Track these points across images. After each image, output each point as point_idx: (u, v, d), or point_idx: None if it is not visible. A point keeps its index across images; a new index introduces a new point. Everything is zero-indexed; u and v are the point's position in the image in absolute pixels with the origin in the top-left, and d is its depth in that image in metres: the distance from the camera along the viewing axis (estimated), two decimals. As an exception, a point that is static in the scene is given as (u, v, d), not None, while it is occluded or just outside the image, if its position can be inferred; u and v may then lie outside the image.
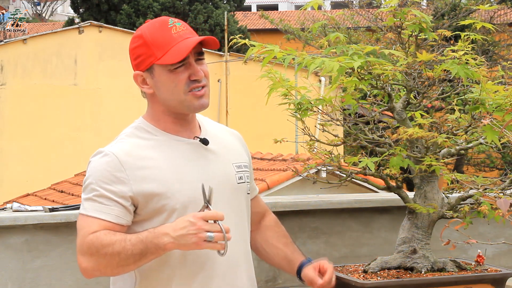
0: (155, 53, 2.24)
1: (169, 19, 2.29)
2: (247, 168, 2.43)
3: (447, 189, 2.54)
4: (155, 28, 2.27)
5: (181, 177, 2.25)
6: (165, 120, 2.31)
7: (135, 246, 2.12)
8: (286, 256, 2.50)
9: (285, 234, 2.56)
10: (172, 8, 23.06)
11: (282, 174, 10.26)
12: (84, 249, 2.16)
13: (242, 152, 2.46)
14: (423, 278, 2.42)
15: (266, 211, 2.59)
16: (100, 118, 14.90)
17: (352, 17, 18.98)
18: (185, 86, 2.26)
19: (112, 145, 2.27)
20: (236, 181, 2.36)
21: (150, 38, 2.25)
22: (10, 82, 14.64)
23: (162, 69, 2.25)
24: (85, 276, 2.20)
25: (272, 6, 45.71)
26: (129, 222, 2.22)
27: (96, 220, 2.17)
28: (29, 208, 3.22)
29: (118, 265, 2.14)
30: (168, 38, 2.25)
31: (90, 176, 2.22)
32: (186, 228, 2.09)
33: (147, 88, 2.29)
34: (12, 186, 13.97)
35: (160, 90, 2.28)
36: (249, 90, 13.45)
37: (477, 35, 2.49)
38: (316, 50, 9.16)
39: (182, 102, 2.27)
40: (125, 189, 2.20)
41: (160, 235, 2.11)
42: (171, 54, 2.23)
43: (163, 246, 2.11)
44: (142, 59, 2.27)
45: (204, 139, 2.33)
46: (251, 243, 2.51)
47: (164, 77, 2.26)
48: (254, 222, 2.52)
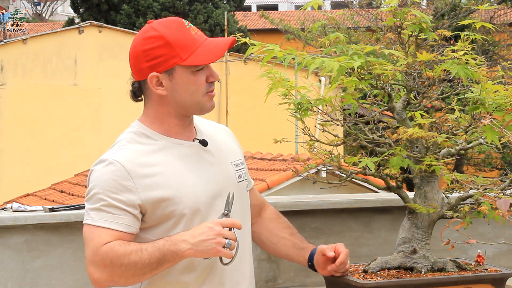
0: (180, 54, 2.20)
1: (182, 19, 2.27)
2: (243, 165, 2.44)
3: (447, 189, 2.54)
4: (174, 29, 2.22)
5: (186, 182, 2.24)
6: (169, 123, 2.28)
7: (152, 255, 2.10)
8: (295, 245, 2.49)
9: (289, 225, 2.55)
10: (172, 8, 23.06)
11: (282, 174, 10.27)
12: (97, 260, 2.12)
13: (236, 149, 2.46)
14: (423, 278, 2.42)
15: (264, 203, 2.59)
16: (100, 118, 14.90)
17: (352, 17, 18.98)
18: (204, 88, 2.25)
19: (115, 153, 2.22)
20: (236, 180, 2.37)
21: (174, 39, 2.20)
22: (10, 82, 14.64)
23: (184, 71, 2.22)
24: (96, 286, 2.17)
25: (272, 6, 45.71)
26: (138, 230, 2.20)
27: (106, 230, 2.14)
28: (29, 208, 3.22)
29: (134, 275, 2.12)
30: (191, 39, 2.22)
31: (96, 186, 2.17)
32: (205, 233, 2.09)
33: (161, 90, 2.23)
34: (12, 186, 13.97)
35: (178, 92, 2.23)
36: (249, 90, 13.45)
37: (477, 35, 2.49)
38: (316, 50, 9.12)
39: (199, 104, 2.26)
40: (133, 198, 2.16)
41: (178, 242, 2.10)
42: (200, 55, 2.21)
43: (181, 253, 2.10)
44: (162, 60, 2.21)
45: (203, 141, 2.32)
46: (254, 236, 2.51)
47: (185, 78, 2.22)
48: (254, 214, 2.50)
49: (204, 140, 2.33)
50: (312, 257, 2.44)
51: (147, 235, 2.21)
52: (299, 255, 2.48)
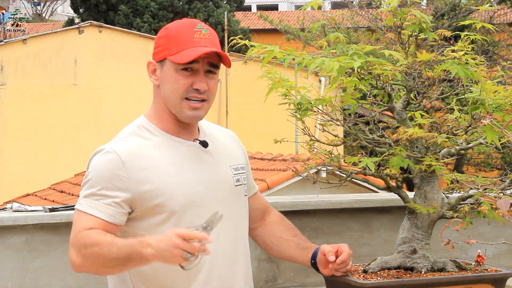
0: (170, 48, 2.28)
1: (200, 23, 2.32)
2: (243, 170, 2.45)
3: (447, 189, 2.53)
4: (181, 26, 2.31)
5: (180, 180, 2.26)
6: (167, 120, 2.33)
7: (121, 251, 2.13)
8: (298, 245, 2.51)
9: (293, 227, 2.57)
10: (170, 8, 23.05)
11: (282, 174, 10.27)
12: (75, 243, 2.18)
13: (238, 154, 2.48)
14: (423, 278, 2.42)
15: (268, 208, 2.60)
16: (100, 118, 14.89)
17: (352, 17, 18.98)
18: (184, 92, 2.27)
19: (115, 143, 2.28)
20: (234, 183, 2.38)
21: (173, 33, 2.29)
22: (10, 82, 14.64)
23: (171, 66, 2.28)
24: (73, 269, 2.22)
25: (272, 6, 45.71)
26: (122, 222, 2.23)
27: (90, 217, 2.19)
28: (29, 208, 3.22)
29: (103, 266, 2.16)
30: (188, 39, 2.28)
31: (90, 173, 2.24)
32: (164, 242, 2.09)
33: (154, 79, 2.33)
34: (12, 186, 13.97)
35: (164, 86, 2.30)
36: (249, 90, 13.44)
37: (477, 35, 2.49)
38: (316, 50, 9.14)
39: (176, 106, 2.29)
40: (124, 188, 2.21)
41: (145, 245, 2.12)
42: (182, 54, 2.25)
43: (145, 257, 2.12)
44: (159, 50, 2.31)
45: (204, 142, 2.34)
46: (258, 239, 2.55)
47: (170, 73, 2.28)
48: (257, 218, 2.54)
49: (205, 141, 2.34)
50: (315, 256, 2.45)
51: (136, 227, 2.25)
52: (302, 255, 2.49)
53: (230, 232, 2.33)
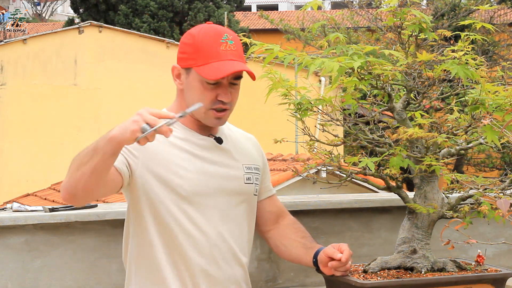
0: (197, 59, 2.31)
1: (226, 33, 2.34)
2: (257, 171, 2.50)
3: (447, 189, 2.53)
4: (208, 36, 2.32)
5: (187, 168, 2.33)
6: (188, 118, 2.39)
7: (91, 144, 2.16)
8: (304, 245, 2.54)
9: (303, 229, 2.62)
10: (170, 7, 23.03)
11: (282, 174, 10.27)
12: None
13: (255, 156, 2.54)
14: (423, 278, 2.42)
15: (283, 212, 2.65)
16: (100, 118, 14.89)
17: (352, 17, 18.98)
18: (209, 103, 2.33)
19: None
20: (244, 181, 2.43)
21: (200, 43, 2.31)
22: (10, 82, 14.63)
23: (196, 76, 2.32)
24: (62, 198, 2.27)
25: (272, 6, 45.70)
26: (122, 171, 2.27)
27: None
28: (29, 208, 3.21)
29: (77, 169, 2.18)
30: (214, 52, 2.30)
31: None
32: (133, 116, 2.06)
33: (179, 83, 2.38)
34: (12, 186, 13.97)
35: (188, 92, 2.35)
36: (249, 90, 13.43)
37: (477, 35, 2.49)
38: (316, 50, 9.15)
39: (201, 114, 2.36)
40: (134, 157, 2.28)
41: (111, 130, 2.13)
42: (210, 69, 2.28)
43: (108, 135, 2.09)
44: (185, 57, 2.35)
45: (219, 138, 2.41)
46: (270, 242, 2.61)
47: (196, 83, 2.33)
48: (270, 221, 2.60)
49: (219, 138, 2.42)
50: (317, 254, 2.47)
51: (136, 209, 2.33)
52: (306, 254, 2.52)
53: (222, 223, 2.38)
